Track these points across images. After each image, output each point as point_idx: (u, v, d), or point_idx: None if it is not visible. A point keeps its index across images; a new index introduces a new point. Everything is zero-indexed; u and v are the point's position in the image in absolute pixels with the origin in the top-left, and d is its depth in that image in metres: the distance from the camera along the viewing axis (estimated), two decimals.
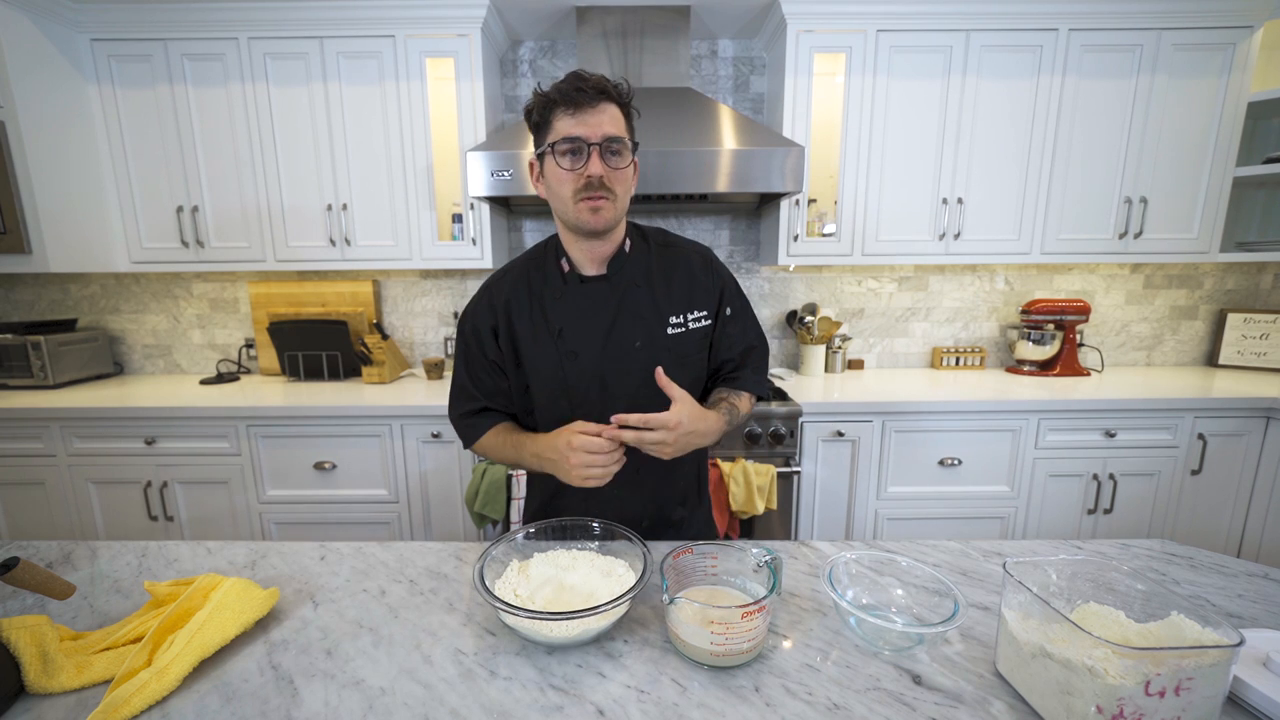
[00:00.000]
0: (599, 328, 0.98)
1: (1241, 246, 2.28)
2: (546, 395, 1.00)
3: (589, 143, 0.85)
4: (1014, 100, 2.07)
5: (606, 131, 0.86)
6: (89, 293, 2.52)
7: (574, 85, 0.85)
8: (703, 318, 1.01)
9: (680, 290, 1.01)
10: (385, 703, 0.60)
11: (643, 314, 0.99)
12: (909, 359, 2.57)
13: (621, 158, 0.89)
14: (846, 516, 2.02)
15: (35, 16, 1.93)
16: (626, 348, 0.98)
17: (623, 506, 1.03)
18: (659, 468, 1.02)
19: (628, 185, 0.93)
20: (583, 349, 0.98)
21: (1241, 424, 1.94)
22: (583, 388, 0.98)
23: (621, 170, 0.89)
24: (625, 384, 0.99)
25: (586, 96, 0.85)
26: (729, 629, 0.62)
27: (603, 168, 0.86)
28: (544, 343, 0.99)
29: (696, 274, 1.03)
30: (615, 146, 0.87)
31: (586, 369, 0.98)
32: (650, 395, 0.98)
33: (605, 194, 0.88)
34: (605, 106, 0.87)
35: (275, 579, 0.84)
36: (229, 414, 1.93)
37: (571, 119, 0.86)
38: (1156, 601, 0.60)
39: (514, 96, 2.39)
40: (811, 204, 2.20)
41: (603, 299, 0.98)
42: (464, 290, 2.50)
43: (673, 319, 0.99)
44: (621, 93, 0.90)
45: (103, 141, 2.13)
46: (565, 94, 0.86)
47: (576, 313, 0.98)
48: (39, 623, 0.64)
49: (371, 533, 2.01)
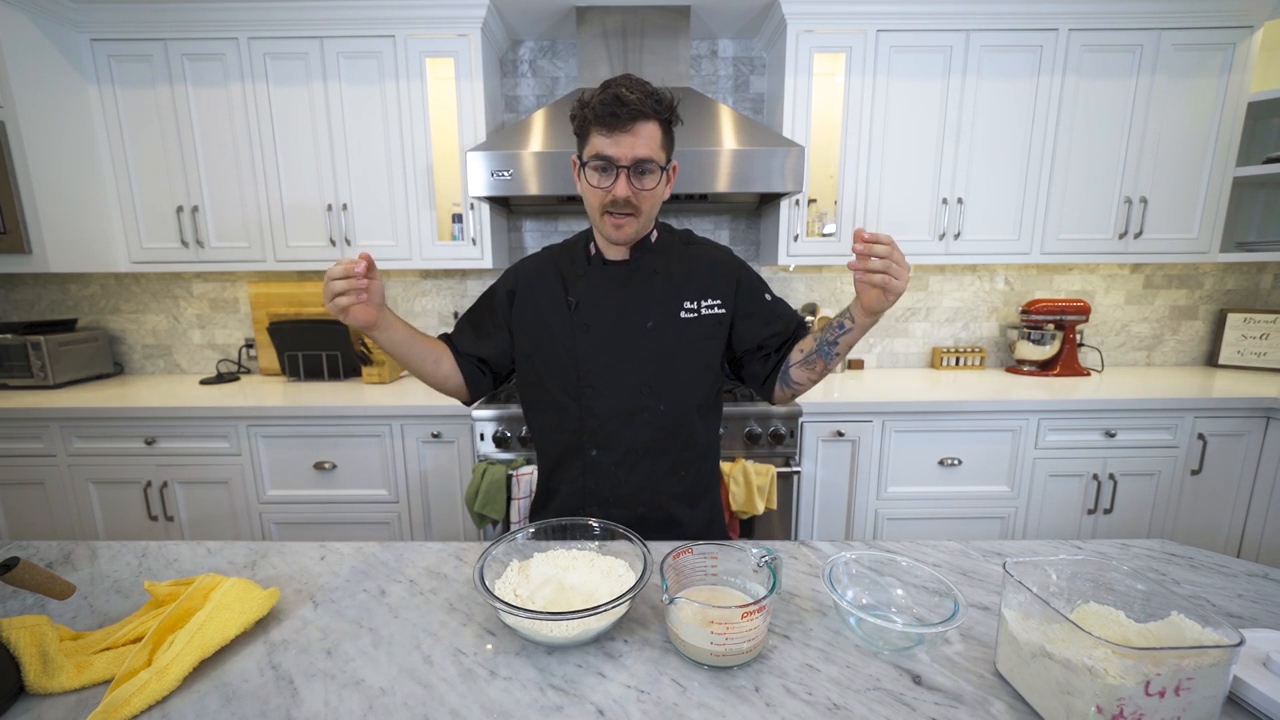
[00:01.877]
0: (614, 305, 1.02)
1: (1241, 246, 2.28)
2: (558, 364, 1.04)
3: (618, 165, 0.88)
4: (1014, 100, 2.07)
5: (638, 154, 0.88)
6: (89, 293, 2.52)
7: (611, 108, 0.87)
8: (716, 306, 1.04)
9: (697, 279, 1.04)
10: (385, 703, 0.60)
11: (658, 297, 1.02)
12: (909, 359, 2.56)
13: (651, 177, 0.91)
14: (846, 516, 2.02)
15: (35, 16, 1.93)
16: (639, 327, 1.01)
17: (618, 488, 1.04)
18: (660, 457, 1.04)
19: (655, 201, 0.96)
20: (595, 323, 1.02)
21: (1241, 424, 1.94)
22: (591, 360, 1.02)
23: (649, 191, 0.92)
24: (634, 360, 1.01)
25: (620, 121, 0.87)
26: (729, 629, 0.62)
27: (629, 189, 0.90)
28: (560, 313, 1.03)
29: (716, 266, 1.06)
30: (645, 167, 0.90)
31: (597, 342, 1.02)
32: (658, 374, 1.02)
33: (630, 211, 0.92)
34: (641, 128, 0.88)
35: (275, 579, 0.84)
36: (229, 414, 1.93)
37: (605, 138, 0.89)
38: (1156, 601, 0.59)
39: (514, 96, 2.39)
40: (811, 204, 2.20)
41: (621, 280, 1.03)
42: (464, 290, 2.50)
43: (687, 304, 1.03)
44: (663, 108, 0.90)
45: (103, 141, 2.13)
46: (601, 114, 0.87)
47: (594, 290, 1.03)
48: (39, 623, 0.64)
49: (371, 533, 2.01)
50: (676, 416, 1.04)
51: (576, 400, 1.03)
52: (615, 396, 1.01)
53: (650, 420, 1.02)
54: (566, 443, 1.06)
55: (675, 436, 1.04)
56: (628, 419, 1.02)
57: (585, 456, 1.05)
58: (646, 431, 1.03)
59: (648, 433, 1.03)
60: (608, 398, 1.02)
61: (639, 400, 1.02)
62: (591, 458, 1.04)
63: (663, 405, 1.02)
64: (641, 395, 1.01)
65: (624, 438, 1.03)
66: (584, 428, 1.03)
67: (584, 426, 1.03)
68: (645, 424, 1.02)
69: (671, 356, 1.02)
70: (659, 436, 1.03)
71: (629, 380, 1.01)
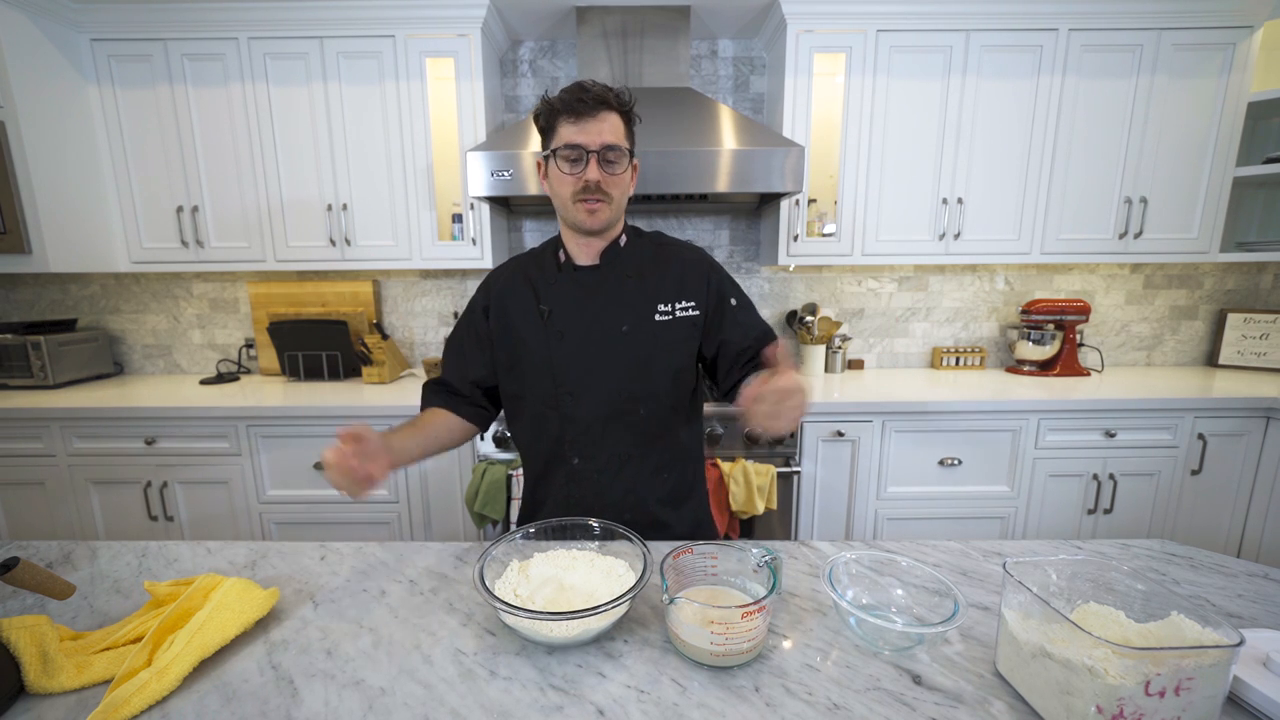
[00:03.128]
0: (587, 311, 1.02)
1: (1241, 246, 2.28)
2: (535, 374, 1.04)
3: (588, 150, 0.91)
4: (1014, 100, 2.07)
5: (605, 140, 0.92)
6: (89, 293, 2.52)
7: (576, 95, 0.91)
8: (690, 308, 1.04)
9: (671, 281, 1.04)
10: (385, 703, 0.60)
11: (631, 301, 1.02)
12: (909, 359, 2.56)
13: (618, 164, 0.94)
14: (846, 516, 2.02)
15: (35, 16, 1.93)
16: (613, 331, 1.01)
17: (602, 495, 1.04)
18: (642, 461, 1.04)
19: (624, 188, 0.98)
20: (569, 329, 1.02)
21: (1241, 424, 1.94)
22: (567, 367, 1.02)
23: (618, 176, 0.95)
24: (611, 366, 1.01)
25: (587, 106, 0.91)
26: (729, 629, 0.62)
27: (600, 173, 0.92)
28: (533, 323, 1.03)
29: (688, 268, 1.06)
30: (612, 155, 0.93)
31: (572, 349, 1.02)
32: (635, 379, 1.02)
33: (602, 197, 0.94)
34: (606, 115, 0.93)
35: (275, 579, 0.84)
36: (229, 414, 1.93)
37: (573, 127, 0.92)
38: (1156, 601, 0.60)
39: (514, 96, 2.39)
40: (811, 204, 2.20)
41: (593, 285, 1.03)
42: (464, 290, 2.50)
43: (661, 306, 1.03)
44: (623, 101, 0.95)
45: (103, 141, 2.13)
46: (568, 103, 0.92)
47: (567, 297, 1.03)
48: (39, 623, 0.64)
49: (371, 533, 2.01)
50: (657, 420, 1.03)
51: (555, 409, 1.02)
52: (594, 403, 1.01)
53: (630, 425, 1.02)
54: (549, 452, 1.05)
55: (656, 440, 1.04)
56: (607, 425, 1.02)
57: (568, 465, 1.04)
58: (627, 437, 1.02)
59: (628, 438, 1.02)
60: (586, 405, 1.01)
61: (618, 405, 1.01)
62: (574, 466, 1.04)
63: (642, 409, 1.02)
64: (620, 400, 1.01)
65: (605, 444, 1.02)
66: (565, 436, 1.03)
67: (564, 435, 1.03)
68: (625, 429, 1.02)
69: (648, 360, 1.01)
70: (640, 441, 1.03)
71: (607, 386, 1.01)
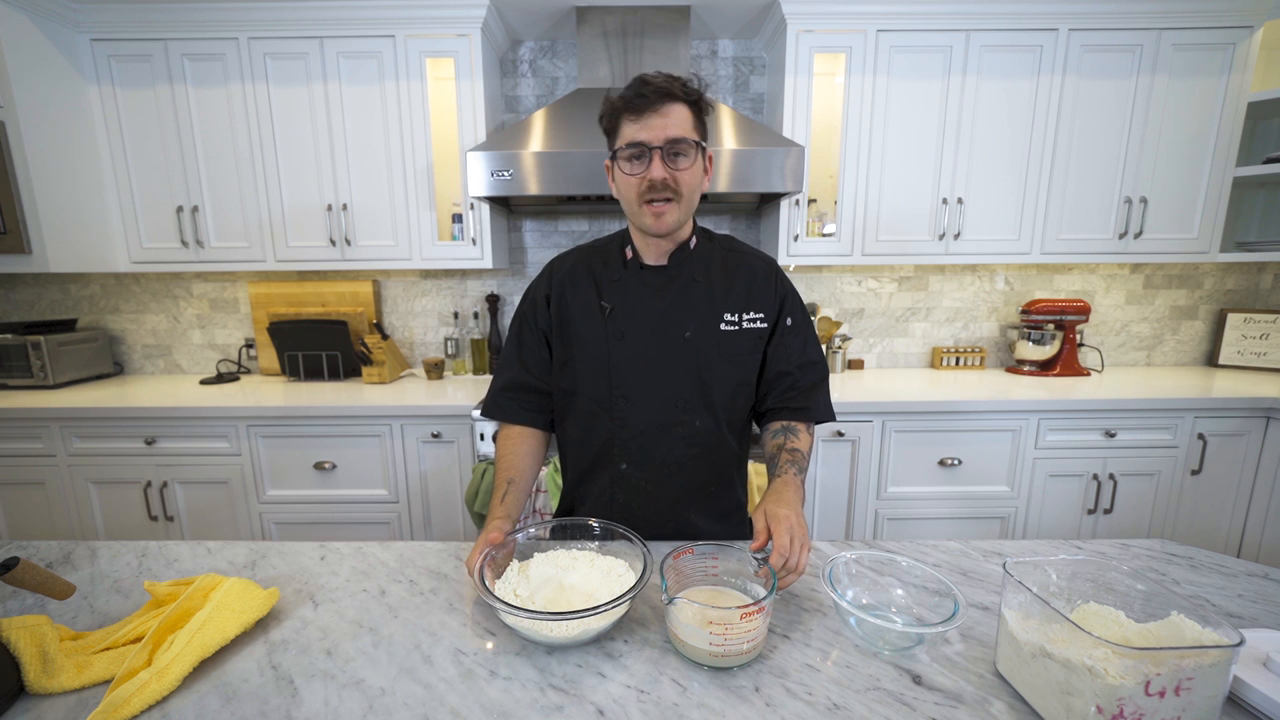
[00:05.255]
0: (650, 313, 0.98)
1: (1241, 246, 2.28)
2: (590, 372, 1.00)
3: (650, 146, 0.86)
4: (1014, 100, 2.07)
5: (670, 134, 0.86)
6: (89, 293, 2.52)
7: (637, 90, 0.87)
8: (759, 319, 1.00)
9: (739, 290, 1.00)
10: (385, 703, 0.60)
11: (697, 307, 0.98)
12: (909, 359, 2.56)
13: (686, 158, 0.89)
14: (846, 516, 2.02)
15: (35, 16, 1.93)
16: (675, 337, 0.97)
17: (647, 504, 1.01)
18: (692, 475, 1.01)
19: (695, 184, 0.91)
20: (630, 331, 0.98)
21: (1241, 424, 1.94)
22: (625, 369, 0.98)
23: (686, 171, 0.89)
24: (669, 372, 0.97)
25: (648, 101, 0.86)
26: (728, 629, 0.62)
27: (665, 170, 0.87)
28: (594, 320, 1.00)
29: (759, 278, 1.02)
30: (678, 148, 0.87)
31: (631, 352, 0.98)
32: (694, 388, 0.97)
33: (670, 195, 0.89)
34: (670, 108, 0.86)
35: (275, 579, 0.84)
36: (229, 414, 1.93)
37: (635, 124, 0.87)
38: (1156, 601, 0.60)
39: (514, 96, 2.39)
40: (811, 204, 2.20)
41: (658, 286, 0.99)
42: (464, 290, 2.50)
43: (727, 315, 0.99)
44: (689, 90, 0.89)
45: (103, 141, 2.13)
46: (629, 100, 0.87)
47: (630, 296, 0.99)
48: (39, 623, 0.64)
49: (371, 533, 2.01)
50: (711, 433, 0.99)
51: (608, 411, 0.99)
52: (648, 409, 0.98)
53: (684, 436, 0.98)
54: (596, 454, 1.02)
55: (709, 454, 1.00)
56: (660, 433, 0.98)
57: (614, 469, 1.01)
58: (679, 447, 0.99)
59: (680, 449, 0.99)
60: (641, 410, 0.98)
61: (673, 414, 0.98)
62: (621, 471, 1.00)
63: (698, 421, 0.98)
64: (676, 409, 0.98)
65: (656, 453, 0.99)
66: (614, 440, 0.99)
67: (614, 439, 0.99)
68: (678, 440, 0.98)
69: (709, 370, 0.97)
70: (692, 454, 0.99)
71: (663, 393, 0.97)
